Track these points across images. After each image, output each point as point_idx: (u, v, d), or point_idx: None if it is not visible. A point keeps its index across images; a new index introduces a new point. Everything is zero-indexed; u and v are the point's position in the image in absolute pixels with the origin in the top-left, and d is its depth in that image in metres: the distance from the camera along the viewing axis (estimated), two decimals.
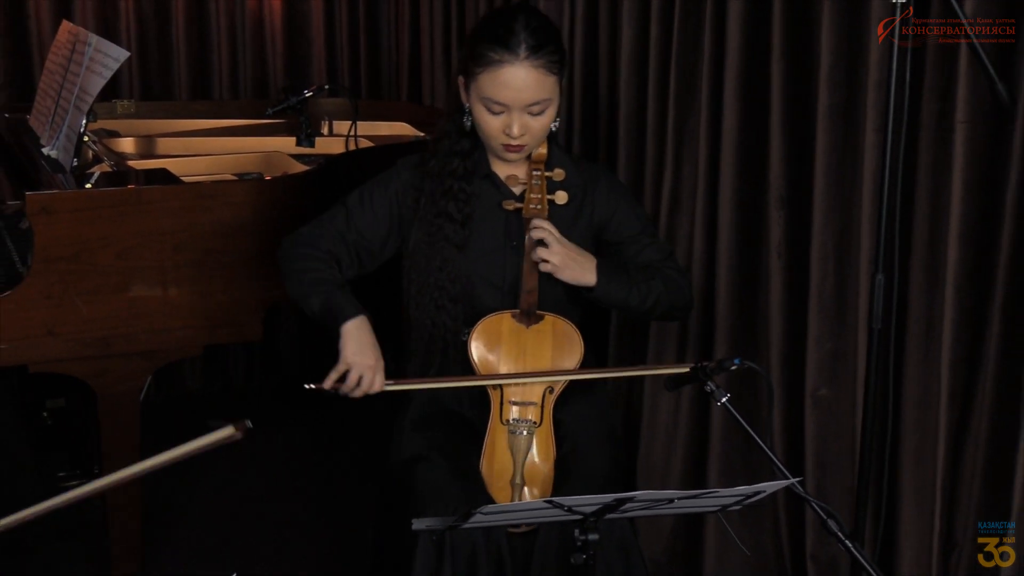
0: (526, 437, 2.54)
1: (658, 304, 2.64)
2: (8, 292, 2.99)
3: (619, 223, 2.67)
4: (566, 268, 2.52)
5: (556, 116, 2.56)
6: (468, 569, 2.44)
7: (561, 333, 2.58)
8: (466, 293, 2.62)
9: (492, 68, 2.46)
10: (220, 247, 3.16)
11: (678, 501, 2.19)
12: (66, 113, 3.43)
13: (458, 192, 2.60)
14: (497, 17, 2.55)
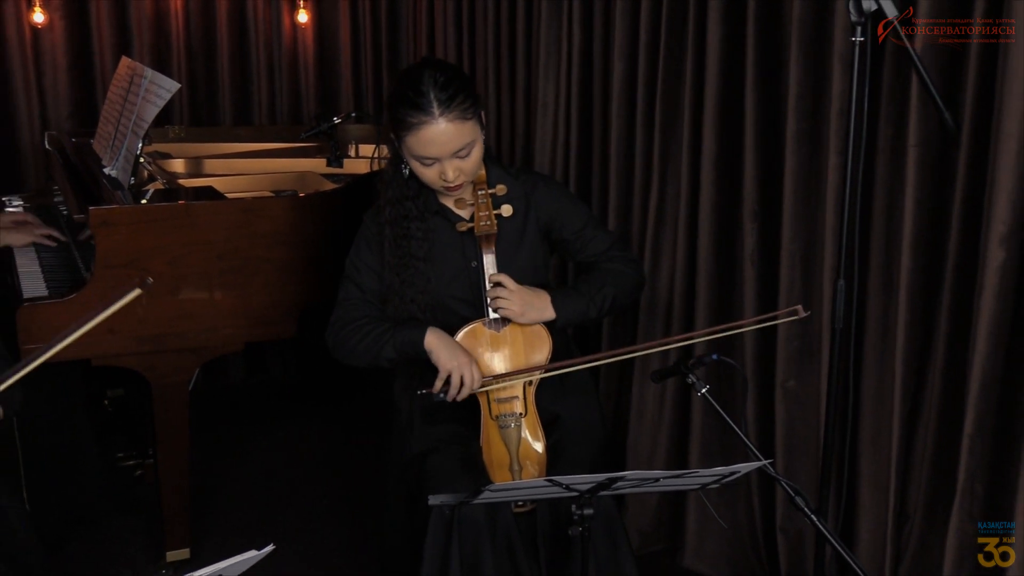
0: (515, 428, 2.54)
1: (614, 304, 2.63)
2: (73, 295, 3.00)
3: (563, 222, 2.65)
4: (525, 315, 2.51)
5: (482, 145, 2.51)
6: (473, 546, 2.44)
7: (530, 331, 2.57)
8: (440, 315, 2.60)
9: (414, 130, 2.41)
10: (260, 256, 3.16)
11: (663, 480, 2.19)
12: (124, 137, 3.43)
13: (416, 232, 2.58)
14: (406, 80, 2.46)
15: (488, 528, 2.45)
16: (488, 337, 2.55)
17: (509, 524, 2.47)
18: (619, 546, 2.50)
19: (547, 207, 2.63)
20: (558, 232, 2.65)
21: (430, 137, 2.40)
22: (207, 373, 3.34)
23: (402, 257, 2.58)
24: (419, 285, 2.58)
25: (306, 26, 5.00)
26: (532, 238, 2.63)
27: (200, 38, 4.85)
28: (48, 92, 4.67)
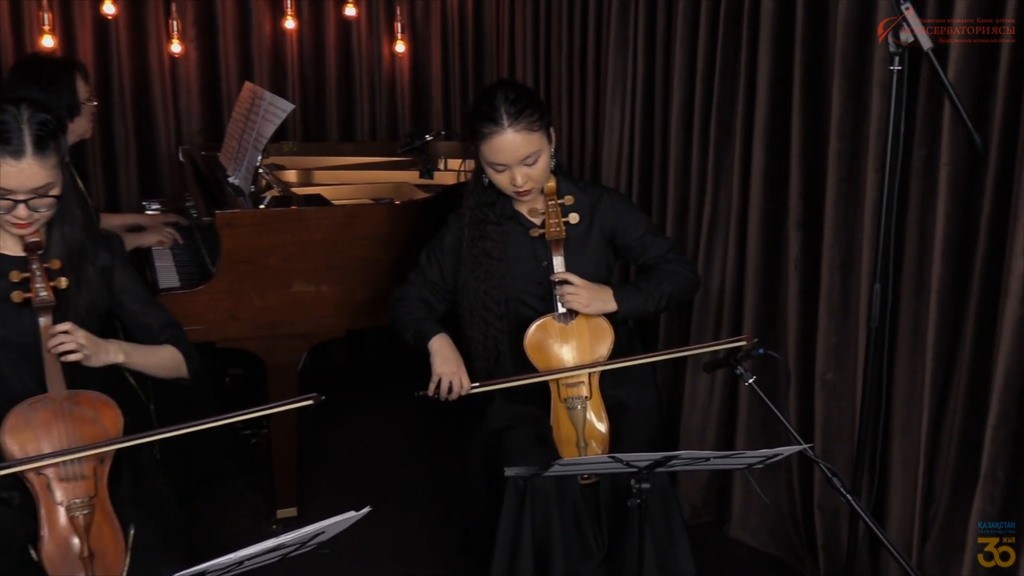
0: (581, 410, 2.53)
1: (671, 300, 2.62)
2: (202, 286, 3.05)
3: (625, 229, 2.64)
4: (590, 306, 2.52)
5: (554, 156, 2.54)
6: (543, 512, 2.45)
7: (595, 324, 2.56)
8: (511, 310, 2.62)
9: (486, 139, 2.47)
10: (360, 255, 3.19)
11: (713, 460, 2.17)
12: (246, 151, 3.48)
13: (492, 233, 2.60)
14: (482, 96, 2.52)
15: (557, 497, 2.45)
16: (557, 329, 2.55)
17: (575, 494, 2.48)
18: (672, 517, 2.49)
19: (611, 216, 2.63)
20: (621, 238, 2.64)
21: (500, 146, 2.44)
22: (313, 356, 3.38)
23: (478, 256, 2.60)
24: (493, 281, 2.59)
25: (403, 56, 5.03)
26: (596, 242, 2.62)
27: (312, 65, 4.90)
28: (183, 112, 4.75)
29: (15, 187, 2.07)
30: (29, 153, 2.06)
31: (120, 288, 2.32)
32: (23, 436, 2.05)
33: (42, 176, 2.09)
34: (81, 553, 2.04)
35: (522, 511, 2.45)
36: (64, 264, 2.17)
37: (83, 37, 4.53)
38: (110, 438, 2.11)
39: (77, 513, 2.05)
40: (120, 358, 2.20)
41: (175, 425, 2.12)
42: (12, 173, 2.05)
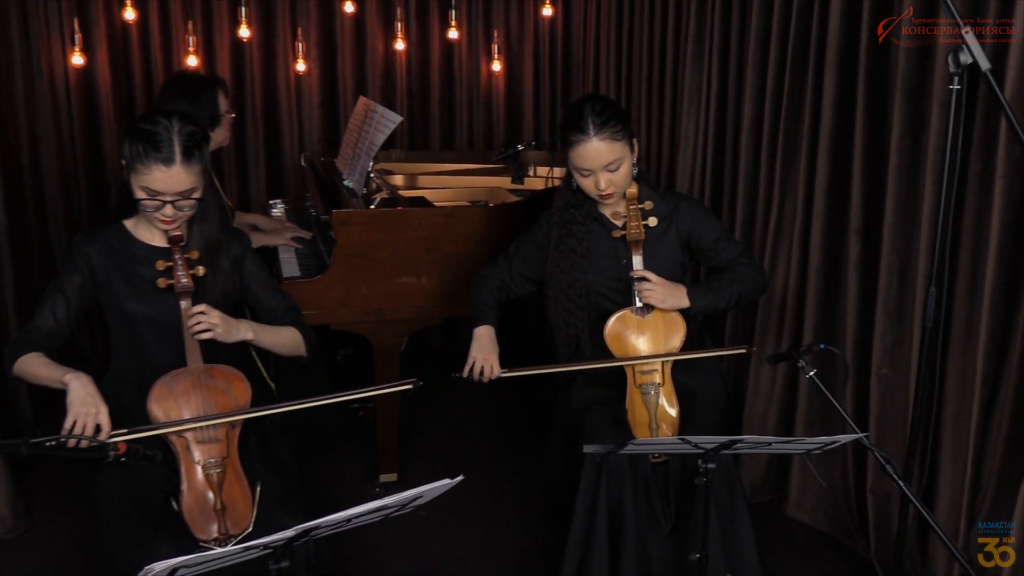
0: (654, 395, 2.51)
1: (740, 299, 2.59)
2: (319, 276, 3.10)
3: (700, 234, 2.60)
4: (665, 301, 2.50)
5: (634, 164, 2.52)
6: (618, 487, 2.44)
7: (669, 318, 2.54)
8: (591, 302, 2.61)
9: (574, 146, 2.46)
10: (458, 251, 3.21)
11: (775, 444, 2.14)
12: (360, 158, 3.53)
13: (577, 232, 2.59)
14: (572, 108, 2.52)
15: (630, 473, 2.44)
16: (635, 321, 2.53)
17: (646, 471, 2.46)
18: (735, 495, 2.46)
19: (687, 221, 2.60)
20: (696, 242, 2.61)
21: (586, 152, 2.44)
22: (413, 340, 3.41)
23: (564, 252, 2.60)
24: (576, 275, 2.59)
25: (499, 73, 5.04)
26: (672, 244, 2.59)
27: (418, 82, 4.95)
28: (305, 123, 4.84)
29: (164, 190, 2.13)
30: (178, 161, 2.11)
31: (249, 276, 2.37)
32: (166, 403, 2.12)
33: (187, 181, 2.14)
34: (215, 506, 2.10)
35: (598, 484, 2.44)
36: (202, 255, 2.22)
37: (222, 57, 4.64)
38: (240, 407, 2.17)
39: (212, 471, 2.11)
40: (249, 335, 2.24)
41: (294, 399, 2.17)
42: (162, 178, 2.11)
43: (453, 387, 4.36)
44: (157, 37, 4.55)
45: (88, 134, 4.53)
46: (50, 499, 3.30)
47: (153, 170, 2.10)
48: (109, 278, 2.23)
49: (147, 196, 2.13)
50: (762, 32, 3.20)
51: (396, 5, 4.81)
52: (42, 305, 2.21)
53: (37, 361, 2.13)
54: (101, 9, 4.43)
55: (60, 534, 3.11)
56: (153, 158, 2.10)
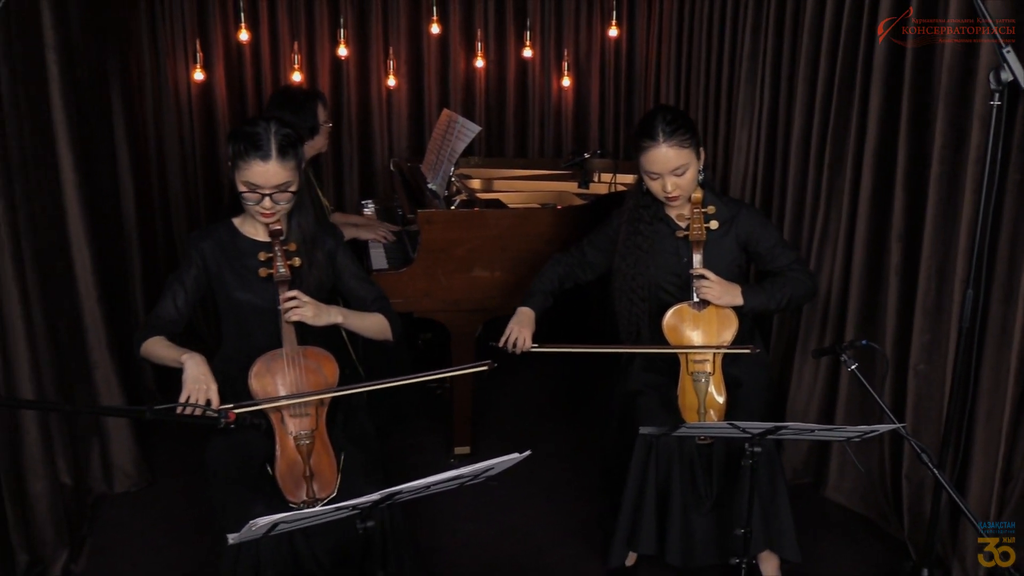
0: (704, 383, 2.47)
1: (790, 302, 2.53)
2: (404, 269, 3.13)
3: (758, 239, 2.54)
4: (721, 298, 2.45)
5: (700, 171, 2.47)
6: (666, 465, 2.43)
7: (722, 314, 2.49)
8: (652, 295, 2.57)
9: (645, 151, 2.43)
10: (528, 248, 3.20)
11: (817, 432, 2.09)
12: (442, 163, 3.54)
13: (644, 230, 2.56)
14: (645, 117, 2.49)
15: (678, 453, 2.42)
16: (691, 315, 2.49)
17: (692, 452, 2.44)
18: (775, 476, 2.42)
19: (746, 227, 2.54)
20: (753, 247, 2.55)
21: (655, 157, 2.41)
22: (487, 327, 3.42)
23: (630, 247, 2.57)
24: (640, 269, 2.56)
25: (568, 89, 5.02)
26: (731, 247, 2.54)
27: (495, 96, 4.95)
28: (394, 132, 4.88)
29: (262, 183, 2.16)
30: (274, 157, 2.15)
31: (342, 268, 2.39)
32: (264, 379, 2.16)
33: (283, 175, 2.17)
34: (304, 472, 2.13)
35: (648, 462, 2.43)
36: (299, 247, 2.25)
37: (323, 73, 4.71)
38: (329, 385, 2.19)
39: (302, 442, 2.14)
40: (339, 319, 2.26)
41: (379, 380, 2.19)
42: (260, 171, 2.15)
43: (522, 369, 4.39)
44: (267, 55, 4.64)
45: (206, 142, 4.65)
46: (168, 459, 3.40)
47: (252, 165, 2.14)
48: (220, 269, 2.28)
49: (248, 190, 2.17)
50: (812, 52, 3.11)
51: (477, 26, 4.82)
52: (164, 295, 2.27)
53: (160, 344, 2.19)
54: (219, 31, 4.54)
55: (176, 489, 3.20)
56: (253, 155, 2.14)
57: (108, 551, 2.83)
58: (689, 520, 2.44)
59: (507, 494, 3.13)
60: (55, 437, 2.77)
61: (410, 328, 3.85)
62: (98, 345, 3.09)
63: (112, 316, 3.16)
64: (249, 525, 1.64)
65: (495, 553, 2.85)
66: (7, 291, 2.50)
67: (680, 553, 2.43)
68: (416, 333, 4.11)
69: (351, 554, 2.13)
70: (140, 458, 3.21)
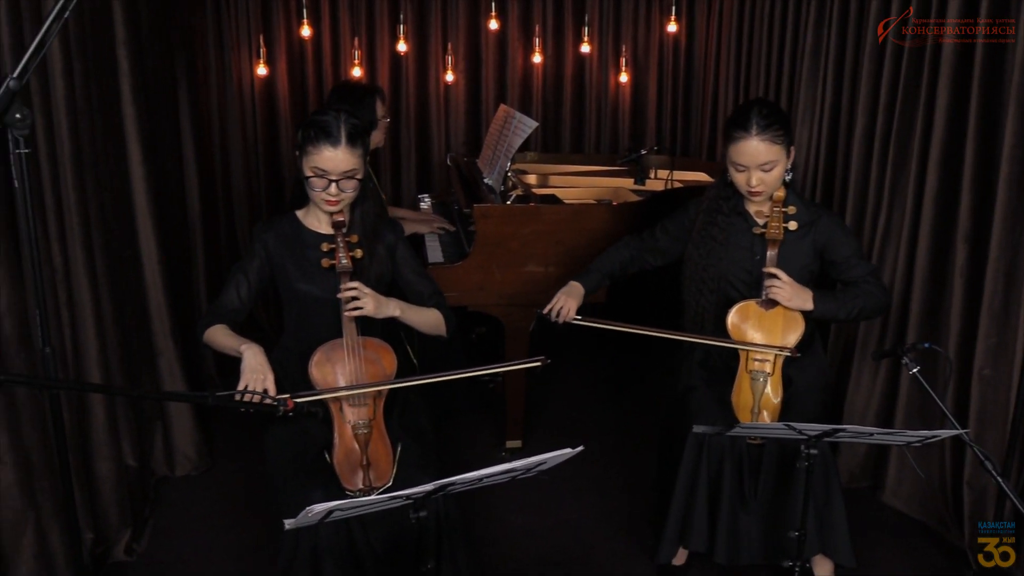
0: (762, 382, 2.43)
1: (861, 313, 2.46)
2: (460, 263, 3.15)
3: (835, 247, 2.48)
4: (792, 300, 2.40)
5: (787, 170, 2.43)
6: (717, 462, 2.41)
7: (789, 316, 2.44)
8: (720, 287, 2.53)
9: (735, 142, 2.39)
10: (584, 244, 3.19)
11: (876, 435, 2.04)
12: (498, 159, 3.55)
13: (720, 222, 2.52)
14: (741, 108, 2.44)
15: (729, 451, 2.40)
16: (757, 312, 2.45)
17: (743, 451, 2.41)
18: (831, 479, 2.38)
19: (825, 233, 2.49)
20: (830, 254, 2.50)
21: (744, 149, 2.37)
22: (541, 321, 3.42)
23: (704, 237, 2.54)
24: (711, 261, 2.53)
25: (625, 85, 4.98)
26: (807, 251, 2.49)
27: (552, 91, 4.94)
28: (451, 127, 4.91)
29: (330, 169, 2.20)
30: (343, 143, 2.18)
31: (401, 262, 2.41)
32: (324, 369, 2.19)
33: (350, 162, 2.20)
34: (361, 461, 2.16)
35: (700, 458, 2.41)
36: (361, 239, 2.28)
37: (382, 68, 4.76)
38: (387, 376, 2.22)
39: (360, 431, 2.17)
40: (397, 313, 2.28)
41: (434, 373, 2.20)
42: (329, 157, 2.19)
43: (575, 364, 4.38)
44: (328, 51, 4.71)
45: (268, 135, 4.73)
46: (227, 444, 3.48)
47: (322, 150, 2.18)
48: (282, 260, 2.32)
49: (315, 175, 2.20)
50: (877, 48, 3.04)
51: (535, 22, 4.82)
52: (227, 284, 2.31)
53: (221, 332, 2.24)
54: (282, 27, 4.62)
55: (235, 474, 3.27)
56: (323, 140, 2.18)
57: (169, 532, 2.90)
58: (736, 519, 2.42)
59: (558, 488, 3.13)
60: (120, 420, 2.85)
61: (464, 322, 3.86)
62: (162, 332, 3.18)
63: (176, 304, 3.24)
64: (306, 511, 1.67)
65: (545, 547, 2.85)
66: (77, 279, 2.58)
67: (726, 552, 2.42)
68: (470, 327, 4.13)
69: (405, 544, 2.16)
70: (201, 443, 3.29)
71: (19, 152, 1.78)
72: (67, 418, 2.40)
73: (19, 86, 1.74)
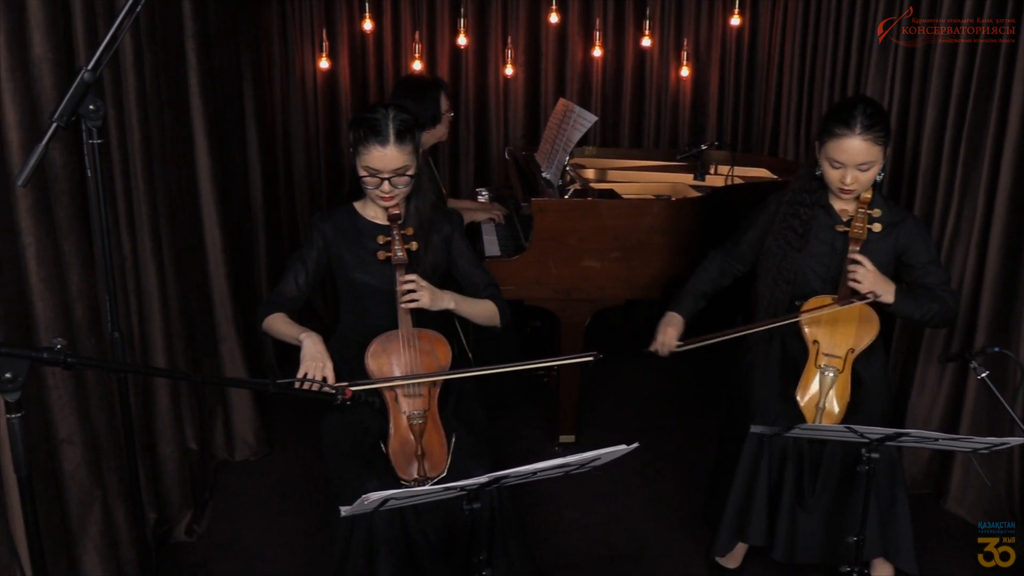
0: (831, 378, 2.38)
1: (933, 318, 2.40)
2: (516, 256, 3.15)
3: (915, 252, 2.43)
4: (871, 289, 2.34)
5: (880, 172, 2.37)
6: (779, 461, 2.37)
7: (865, 314, 2.39)
8: (797, 279, 2.48)
9: (835, 139, 2.33)
10: (641, 240, 3.17)
11: (941, 440, 1.98)
12: (557, 153, 3.54)
13: (802, 214, 2.47)
14: (844, 104, 2.38)
15: (793, 450, 2.36)
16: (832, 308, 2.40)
17: (804, 447, 2.38)
18: (896, 483, 2.33)
19: (908, 237, 2.43)
20: (909, 258, 2.44)
21: (845, 146, 2.33)
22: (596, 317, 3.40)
23: (785, 229, 2.50)
24: (790, 252, 2.48)
25: (686, 79, 4.92)
26: (887, 253, 2.44)
27: (612, 85, 4.90)
28: (510, 120, 4.91)
29: (381, 167, 2.22)
30: (392, 141, 2.20)
31: (457, 253, 2.42)
32: (380, 360, 2.22)
33: (400, 159, 2.22)
34: (416, 451, 2.18)
35: (760, 452, 2.38)
36: (416, 231, 2.29)
37: (442, 62, 4.78)
38: (442, 368, 2.23)
39: (415, 421, 2.19)
40: (451, 305, 2.30)
41: (488, 365, 2.21)
42: (379, 156, 2.21)
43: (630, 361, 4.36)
44: (389, 44, 4.75)
45: (329, 128, 4.79)
46: (285, 431, 3.54)
47: (372, 150, 2.20)
48: (340, 251, 2.35)
49: (368, 174, 2.23)
50: (950, 44, 2.94)
51: (595, 16, 4.79)
52: (287, 273, 2.36)
53: (281, 320, 2.28)
54: (345, 21, 4.67)
55: (292, 460, 3.34)
56: (372, 140, 2.19)
57: (228, 515, 2.97)
58: (795, 516, 2.38)
59: (611, 484, 3.12)
60: (184, 405, 2.93)
61: (519, 316, 3.87)
62: (224, 320, 3.25)
63: (238, 293, 3.32)
64: (361, 499, 1.69)
65: (597, 542, 2.85)
66: (145, 267, 2.65)
67: (784, 549, 2.38)
68: (525, 321, 4.13)
69: (458, 534, 2.17)
70: (260, 429, 3.36)
71: (92, 142, 1.84)
72: (133, 401, 2.47)
73: (93, 78, 1.79)
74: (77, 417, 2.18)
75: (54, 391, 2.14)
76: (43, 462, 2.12)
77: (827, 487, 2.38)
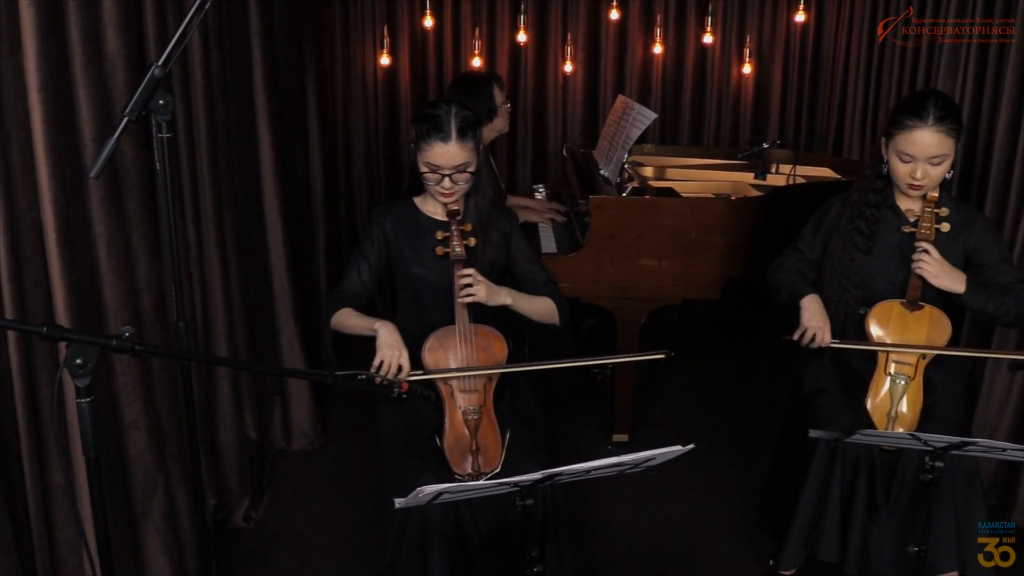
0: (902, 386, 2.32)
1: (1007, 314, 2.32)
2: (573, 254, 3.14)
3: (985, 251, 2.36)
4: (940, 277, 2.28)
5: (950, 169, 2.29)
6: (852, 471, 2.31)
7: (936, 319, 2.32)
8: (865, 283, 2.41)
9: (907, 131, 2.26)
10: (700, 239, 3.13)
11: (1010, 451, 1.92)
12: (615, 150, 3.52)
13: (868, 215, 2.41)
14: (915, 96, 2.32)
15: (866, 460, 2.30)
16: (898, 313, 2.34)
17: (875, 458, 2.31)
18: (973, 494, 2.25)
19: (978, 236, 2.37)
20: (980, 257, 2.38)
21: (916, 139, 2.26)
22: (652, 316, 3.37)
23: (850, 230, 2.44)
24: (856, 255, 2.41)
25: (748, 76, 4.84)
26: (956, 252, 2.38)
27: (672, 82, 4.85)
28: (568, 117, 4.89)
29: (442, 164, 2.23)
30: (454, 138, 2.21)
31: (515, 250, 2.42)
32: (437, 354, 2.23)
33: (462, 156, 2.23)
34: (470, 446, 2.19)
35: (833, 463, 2.31)
36: (475, 227, 2.30)
37: (502, 59, 4.79)
38: (498, 362, 2.24)
39: (470, 416, 2.20)
40: (508, 301, 2.30)
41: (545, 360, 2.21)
42: (441, 152, 2.22)
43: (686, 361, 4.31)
44: (449, 41, 4.77)
45: (389, 123, 4.84)
46: (342, 423, 3.59)
47: (434, 146, 2.21)
48: (399, 245, 2.37)
49: (429, 170, 2.24)
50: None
51: (656, 12, 4.74)
52: (349, 269, 2.38)
53: (350, 314, 2.31)
54: (406, 18, 4.71)
55: (347, 451, 3.38)
56: (434, 136, 2.20)
57: (284, 503, 3.03)
58: (867, 528, 2.31)
59: (665, 485, 3.09)
60: (244, 394, 2.99)
61: (575, 313, 3.85)
62: (284, 311, 3.30)
63: (298, 285, 3.37)
64: (416, 492, 1.70)
65: (650, 544, 2.82)
66: (209, 258, 2.71)
67: (857, 562, 2.31)
68: (581, 318, 4.12)
69: (511, 529, 2.18)
70: (317, 420, 3.41)
71: (161, 136, 1.88)
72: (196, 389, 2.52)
73: (163, 74, 1.83)
74: (143, 403, 2.24)
75: (121, 377, 2.20)
76: (110, 446, 2.18)
77: (901, 499, 2.30)
